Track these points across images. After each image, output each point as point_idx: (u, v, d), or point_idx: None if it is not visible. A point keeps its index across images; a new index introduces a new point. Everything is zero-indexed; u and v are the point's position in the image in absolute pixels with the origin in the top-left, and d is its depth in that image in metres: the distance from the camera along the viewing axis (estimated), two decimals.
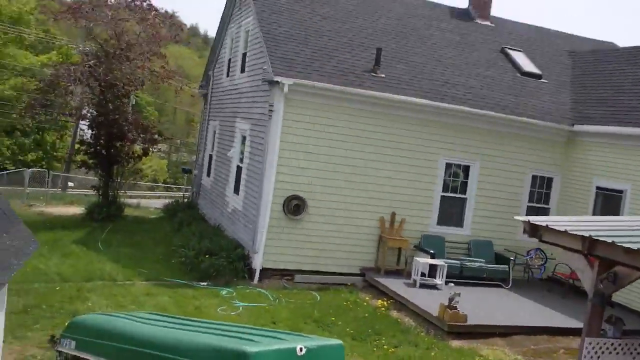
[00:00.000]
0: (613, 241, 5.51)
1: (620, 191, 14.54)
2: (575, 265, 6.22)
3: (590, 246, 5.72)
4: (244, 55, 17.09)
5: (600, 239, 5.68)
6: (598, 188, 15.25)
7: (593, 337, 5.90)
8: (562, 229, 6.04)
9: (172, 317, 9.15)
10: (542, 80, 17.56)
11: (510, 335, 11.43)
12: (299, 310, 11.55)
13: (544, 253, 9.95)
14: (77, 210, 20.73)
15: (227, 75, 19.09)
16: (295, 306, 11.79)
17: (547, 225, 6.43)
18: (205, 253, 13.72)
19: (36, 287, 11.38)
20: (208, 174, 20.21)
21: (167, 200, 24.82)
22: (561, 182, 16.31)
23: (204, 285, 12.76)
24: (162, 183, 49.25)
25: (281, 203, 13.56)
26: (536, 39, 20.40)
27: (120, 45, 18.68)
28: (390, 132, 14.39)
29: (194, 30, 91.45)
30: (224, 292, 12.29)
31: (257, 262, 13.46)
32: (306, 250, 13.84)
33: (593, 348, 5.87)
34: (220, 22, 20.24)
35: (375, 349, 9.99)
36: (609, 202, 14.97)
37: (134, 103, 32.32)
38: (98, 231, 16.96)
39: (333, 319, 11.10)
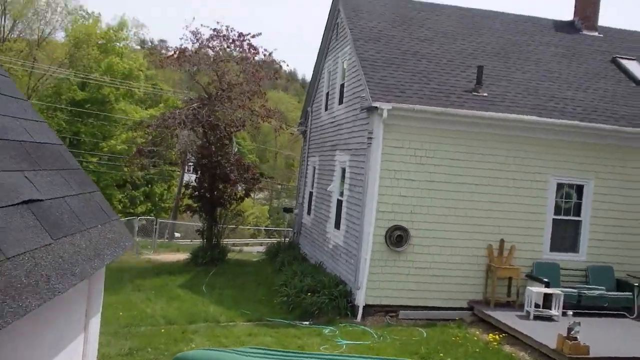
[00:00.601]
0: None
1: None
2: None
3: None
4: (342, 86, 17.09)
5: None
6: None
7: None
8: None
9: (276, 350, 8.99)
10: None
11: None
12: (404, 347, 11.06)
13: None
14: (182, 256, 21.30)
15: (326, 110, 19.16)
16: (400, 343, 11.31)
17: None
18: (307, 291, 13.55)
19: (142, 330, 11.62)
20: (309, 212, 20.21)
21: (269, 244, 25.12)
22: None
23: (306, 324, 12.55)
24: (264, 228, 50.15)
25: (383, 235, 13.20)
26: None
27: (222, 87, 19.23)
28: (495, 153, 13.74)
29: (292, 76, 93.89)
30: (326, 331, 12.01)
31: (360, 299, 13.11)
32: (410, 284, 13.35)
33: None
34: (317, 57, 20.49)
35: None
36: None
37: (236, 150, 33.29)
38: (202, 275, 17.28)
39: (441, 355, 10.53)
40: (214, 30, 19.73)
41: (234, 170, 19.07)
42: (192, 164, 20.39)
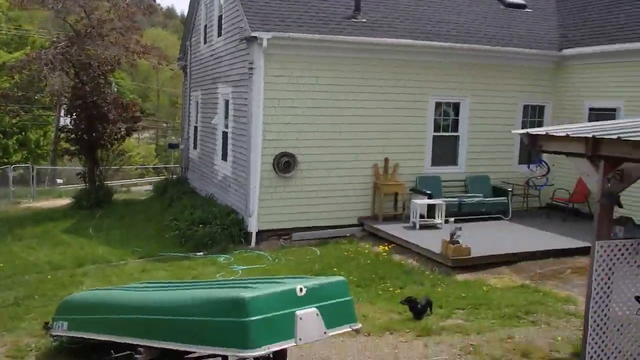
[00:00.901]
0: (618, 137, 5.20)
1: (614, 109, 14.21)
2: (581, 170, 5.92)
3: (594, 147, 5.40)
4: (220, 18, 16.56)
5: (605, 137, 5.37)
6: (591, 109, 14.94)
7: (604, 240, 5.61)
8: (563, 134, 5.72)
9: (167, 282, 8.92)
10: (526, 10, 17.09)
11: (515, 262, 11.24)
12: (299, 265, 11.32)
13: (547, 163, 9.34)
14: (65, 202, 20.40)
15: (205, 43, 18.58)
16: (295, 263, 11.57)
17: (547, 134, 6.10)
18: (198, 223, 13.46)
19: (27, 278, 11.12)
20: (195, 147, 19.86)
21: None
22: (552, 109, 15.98)
23: (200, 255, 12.52)
24: (152, 167, 48.76)
25: (271, 162, 13.23)
26: None
27: (91, 24, 18.09)
28: (376, 77, 13.98)
29: (170, 12, 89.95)
30: (221, 259, 12.05)
31: (253, 225, 13.20)
32: (301, 207, 13.57)
33: (605, 251, 5.59)
34: None
35: (381, 292, 9.79)
36: (605, 119, 14.63)
37: (115, 90, 31.69)
38: (88, 218, 16.67)
39: (335, 269, 10.87)
40: None
41: (111, 109, 18.24)
42: (66, 106, 19.18)
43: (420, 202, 13.34)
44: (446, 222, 13.07)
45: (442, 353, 6.80)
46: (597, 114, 14.73)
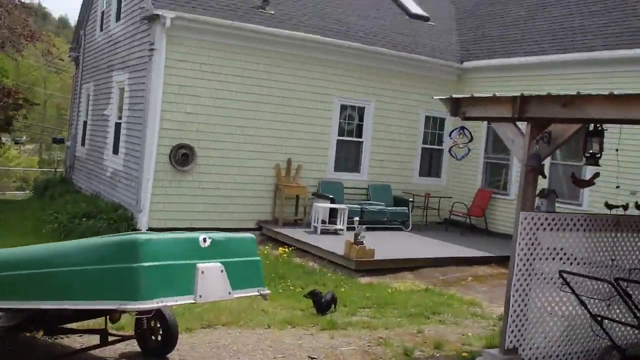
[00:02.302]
0: (548, 92, 4.96)
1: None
2: (506, 136, 5.64)
3: (521, 107, 5.12)
4: (119, 1, 15.50)
5: (533, 94, 5.11)
6: (489, 122, 15.18)
7: (528, 212, 5.33)
8: (490, 94, 5.45)
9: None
10: (430, 22, 17.32)
11: (418, 268, 11.01)
12: None
13: (469, 131, 9.12)
14: None
15: (101, 30, 17.37)
16: None
17: (472, 96, 5.79)
18: (82, 216, 12.28)
19: None
20: (83, 143, 18.44)
21: None
22: (453, 121, 16.14)
23: None
24: (34, 170, 45.48)
25: (167, 154, 12.33)
26: None
27: None
28: (283, 72, 13.51)
29: (63, 22, 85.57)
30: None
31: (143, 222, 12.18)
32: (197, 205, 12.72)
33: (528, 224, 5.30)
34: None
35: (281, 290, 9.17)
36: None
37: None
38: None
39: None
40: None
41: None
42: None
43: (323, 206, 12.90)
44: (348, 229, 12.71)
45: (350, 345, 6.26)
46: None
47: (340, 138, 14.53)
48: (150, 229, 12.20)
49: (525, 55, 14.34)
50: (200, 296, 4.40)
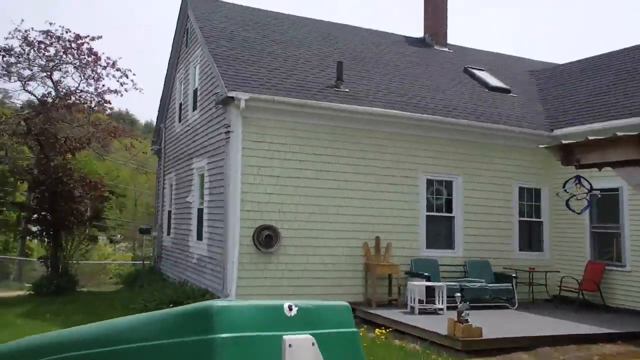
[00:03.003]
0: None
1: (616, 189, 13.31)
2: (634, 181, 4.76)
3: None
4: (195, 91, 15.76)
5: None
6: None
7: None
8: (610, 134, 4.63)
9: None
10: (511, 94, 16.67)
11: (533, 348, 9.74)
12: None
13: (587, 180, 8.27)
14: (23, 293, 18.41)
15: (180, 121, 17.67)
16: None
17: (587, 139, 4.98)
18: (169, 302, 11.80)
19: None
20: (169, 233, 18.37)
21: None
22: (549, 192, 15.06)
23: None
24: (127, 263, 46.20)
25: (250, 236, 11.86)
26: (496, 61, 19.83)
27: (58, 94, 17.08)
28: (362, 149, 13.04)
29: (149, 127, 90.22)
30: None
31: None
32: (285, 288, 12.05)
33: None
34: (167, 70, 19.06)
35: None
36: (607, 202, 13.73)
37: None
38: (46, 304, 14.77)
39: None
40: (45, 32, 17.50)
41: (77, 187, 16.83)
42: (28, 182, 17.71)
43: (419, 284, 11.92)
44: (447, 309, 11.65)
45: None
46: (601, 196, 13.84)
47: (430, 214, 13.71)
48: None
49: (621, 118, 13.33)
50: None
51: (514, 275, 13.30)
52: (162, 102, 19.95)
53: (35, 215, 17.27)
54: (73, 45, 17.47)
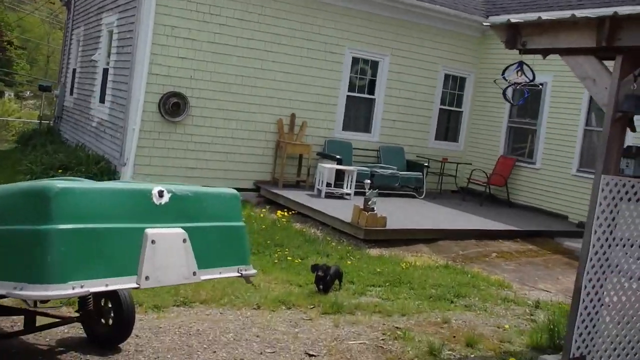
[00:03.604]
0: None
1: (540, 84, 13.02)
2: (582, 74, 4.27)
3: (611, 32, 3.76)
4: None
5: (629, 13, 3.72)
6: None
7: (611, 176, 3.98)
8: (567, 15, 4.06)
9: None
10: None
11: (435, 240, 9.71)
12: None
13: (531, 69, 7.17)
14: None
15: None
16: None
17: (539, 19, 4.39)
18: (57, 168, 10.97)
19: None
20: (72, 92, 17.04)
21: None
22: (475, 82, 14.71)
23: None
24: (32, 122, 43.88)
25: (156, 102, 10.94)
26: None
27: None
28: (289, 17, 12.02)
29: None
30: None
31: (126, 176, 10.85)
32: (189, 160, 11.38)
33: (610, 192, 3.97)
34: None
35: (277, 261, 7.88)
36: (528, 97, 13.52)
37: None
38: None
39: None
40: None
41: None
42: None
43: (329, 167, 11.54)
44: (355, 194, 11.40)
45: (359, 337, 4.99)
46: (522, 90, 13.59)
47: (351, 94, 13.10)
48: None
49: (559, 9, 12.78)
50: (147, 278, 3.09)
51: (425, 164, 13.13)
52: None
53: None
54: None
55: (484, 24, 6.30)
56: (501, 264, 9.19)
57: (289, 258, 8.03)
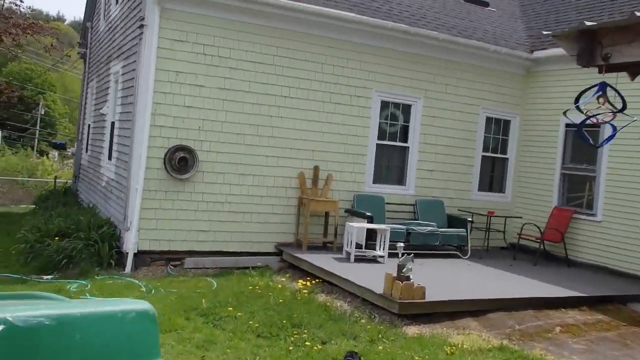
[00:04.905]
0: None
1: (598, 125, 11.47)
2: None
3: None
4: None
5: None
6: (568, 126, 12.19)
7: None
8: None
9: None
10: (489, 8, 14.47)
11: (484, 313, 8.11)
12: (181, 301, 7.81)
13: (619, 93, 4.51)
14: None
15: (104, 18, 15.06)
16: (177, 297, 8.04)
17: (634, 15, 2.97)
18: (55, 235, 9.79)
19: None
20: (87, 149, 16.13)
21: None
22: (520, 124, 13.22)
23: (47, 279, 8.83)
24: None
25: (161, 157, 9.77)
26: None
27: None
28: (309, 58, 10.85)
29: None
30: (73, 286, 8.38)
31: (129, 243, 9.59)
32: (200, 222, 10.10)
33: None
34: None
35: (292, 347, 6.39)
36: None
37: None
38: None
39: (230, 309, 7.44)
40: None
41: None
42: None
43: (358, 226, 10.10)
44: (390, 255, 9.90)
45: None
46: (576, 131, 12.05)
47: (381, 142, 11.75)
48: (141, 253, 9.68)
49: None
50: None
51: (469, 219, 11.57)
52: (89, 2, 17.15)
53: None
54: None
55: (544, 32, 4.98)
56: (568, 341, 7.52)
57: (307, 343, 6.55)
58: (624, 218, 10.89)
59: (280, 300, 8.00)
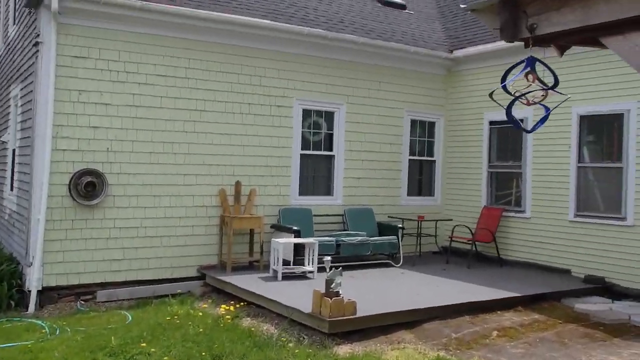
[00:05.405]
0: None
1: (520, 120, 11.39)
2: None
3: None
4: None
5: None
6: (492, 123, 12.08)
7: None
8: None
9: None
10: (407, 11, 14.29)
11: (420, 323, 7.71)
12: (89, 340, 7.04)
13: (549, 68, 4.17)
14: None
15: (3, 40, 14.02)
16: (84, 336, 7.26)
17: None
18: None
19: None
20: None
21: None
22: (445, 125, 13.05)
23: None
24: None
25: (66, 184, 8.96)
26: None
27: None
28: (223, 69, 10.28)
29: None
30: None
31: (32, 280, 8.70)
32: (113, 251, 9.32)
33: None
34: None
35: None
36: (507, 136, 11.88)
37: None
38: None
39: (144, 345, 6.74)
40: None
41: None
42: None
43: (285, 242, 9.56)
44: (319, 270, 9.42)
45: None
46: (500, 129, 11.96)
47: (305, 152, 11.28)
48: (46, 289, 8.83)
49: None
50: None
51: (400, 226, 11.23)
52: None
53: None
54: None
55: (461, 5, 4.58)
56: (506, 346, 7.20)
57: None
58: (552, 213, 10.80)
59: (201, 330, 7.36)
